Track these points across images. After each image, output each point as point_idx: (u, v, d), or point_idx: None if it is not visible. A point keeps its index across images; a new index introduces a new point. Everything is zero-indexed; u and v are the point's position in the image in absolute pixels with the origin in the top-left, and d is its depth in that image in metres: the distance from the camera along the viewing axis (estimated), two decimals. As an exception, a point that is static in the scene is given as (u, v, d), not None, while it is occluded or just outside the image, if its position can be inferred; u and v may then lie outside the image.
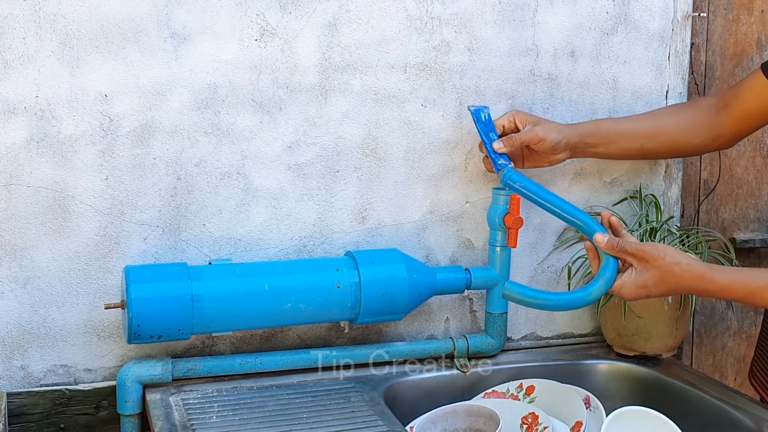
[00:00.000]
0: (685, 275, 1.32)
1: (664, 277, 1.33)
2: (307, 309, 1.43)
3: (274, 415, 1.34)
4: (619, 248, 1.35)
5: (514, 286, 1.39)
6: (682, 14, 1.73)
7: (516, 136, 1.53)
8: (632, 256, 1.35)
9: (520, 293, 1.39)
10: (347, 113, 1.54)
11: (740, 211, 1.93)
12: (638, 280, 1.34)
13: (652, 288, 1.34)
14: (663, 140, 1.59)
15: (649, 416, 1.35)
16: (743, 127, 1.56)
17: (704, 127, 1.57)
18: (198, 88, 1.45)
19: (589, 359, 1.67)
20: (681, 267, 1.32)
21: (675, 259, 1.33)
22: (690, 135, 1.58)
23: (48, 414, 1.44)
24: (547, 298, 1.42)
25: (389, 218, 1.59)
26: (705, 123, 1.57)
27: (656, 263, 1.33)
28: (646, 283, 1.34)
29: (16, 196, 1.39)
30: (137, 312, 1.33)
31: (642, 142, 1.58)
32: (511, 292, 1.39)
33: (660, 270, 1.33)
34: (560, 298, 1.42)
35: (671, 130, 1.58)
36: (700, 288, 1.34)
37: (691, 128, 1.58)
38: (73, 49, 1.38)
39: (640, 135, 1.58)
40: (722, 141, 1.59)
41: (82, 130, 1.41)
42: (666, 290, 1.35)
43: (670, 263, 1.32)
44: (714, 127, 1.57)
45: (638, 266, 1.35)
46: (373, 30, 1.53)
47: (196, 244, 1.49)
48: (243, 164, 1.49)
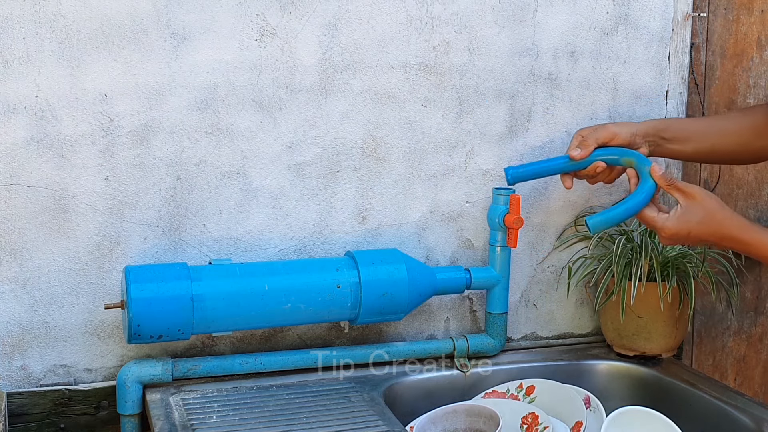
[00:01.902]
0: (727, 221, 1.36)
1: (708, 218, 1.36)
2: (307, 309, 1.43)
3: (274, 415, 1.34)
4: (670, 182, 1.40)
5: (596, 222, 1.40)
6: (682, 14, 1.73)
7: (590, 136, 1.52)
8: (681, 192, 1.39)
9: (606, 222, 1.41)
10: (347, 113, 1.54)
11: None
12: (683, 215, 1.37)
13: (694, 226, 1.37)
14: (732, 141, 1.57)
15: (649, 416, 1.35)
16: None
17: (762, 134, 1.55)
18: (198, 88, 1.45)
19: (589, 359, 1.67)
20: (725, 212, 1.37)
21: (720, 204, 1.38)
22: (753, 139, 1.56)
23: (48, 414, 1.44)
24: (625, 209, 1.42)
25: (389, 218, 1.59)
26: (762, 131, 1.55)
27: (704, 202, 1.37)
28: (689, 219, 1.37)
29: (16, 196, 1.39)
30: (137, 312, 1.33)
31: (713, 142, 1.56)
32: (596, 225, 1.40)
33: (705, 210, 1.37)
34: (633, 204, 1.42)
35: (740, 132, 1.56)
36: (737, 238, 1.37)
37: (757, 132, 1.56)
38: (73, 49, 1.38)
39: (712, 134, 1.57)
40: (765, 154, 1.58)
41: (82, 130, 1.41)
42: (706, 232, 1.37)
43: (716, 205, 1.37)
44: (764, 139, 1.55)
45: (684, 203, 1.38)
46: (373, 30, 1.53)
47: (196, 244, 1.49)
48: (243, 164, 1.49)
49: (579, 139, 1.53)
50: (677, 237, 1.39)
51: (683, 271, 1.57)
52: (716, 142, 1.57)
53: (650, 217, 1.41)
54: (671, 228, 1.38)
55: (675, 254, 1.60)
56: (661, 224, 1.39)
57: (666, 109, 1.74)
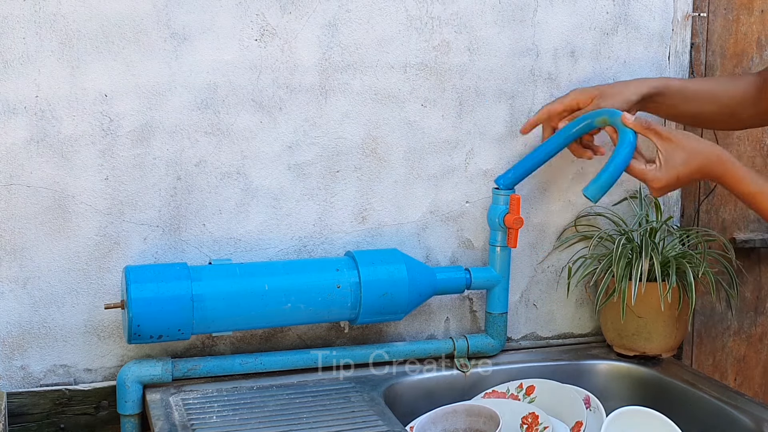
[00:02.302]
0: (708, 152, 1.37)
1: (690, 157, 1.37)
2: (307, 309, 1.43)
3: (274, 415, 1.34)
4: (646, 125, 1.39)
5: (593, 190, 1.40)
6: (682, 14, 1.73)
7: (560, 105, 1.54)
8: (658, 136, 1.38)
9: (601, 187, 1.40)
10: (347, 113, 1.54)
11: (740, 211, 1.93)
12: (667, 162, 1.37)
13: (680, 169, 1.37)
14: (720, 107, 1.58)
15: (649, 416, 1.35)
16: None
17: (751, 101, 1.58)
18: (198, 88, 1.45)
19: (589, 359, 1.67)
20: (706, 144, 1.37)
21: (696, 137, 1.38)
22: (742, 106, 1.58)
23: (48, 414, 1.44)
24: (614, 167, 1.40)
25: (389, 218, 1.59)
26: (753, 97, 1.58)
27: (682, 142, 1.37)
28: (674, 165, 1.37)
29: (16, 196, 1.39)
30: (137, 312, 1.32)
31: (701, 105, 1.58)
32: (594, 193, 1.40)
33: (685, 150, 1.37)
34: (619, 159, 1.41)
35: (728, 97, 1.58)
36: (721, 171, 1.37)
37: (743, 100, 1.58)
38: (73, 49, 1.38)
39: (701, 98, 1.58)
40: (758, 120, 1.60)
41: (82, 130, 1.41)
42: (694, 170, 1.37)
43: (693, 138, 1.37)
44: (755, 105, 1.57)
45: (664, 147, 1.38)
46: (373, 30, 1.53)
47: (196, 244, 1.49)
48: (243, 164, 1.49)
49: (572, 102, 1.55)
50: (668, 187, 1.39)
51: (683, 271, 1.57)
52: (704, 105, 1.58)
53: (639, 170, 1.40)
54: (661, 179, 1.38)
55: (675, 254, 1.60)
56: (652, 176, 1.39)
57: (666, 109, 1.74)
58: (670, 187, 1.39)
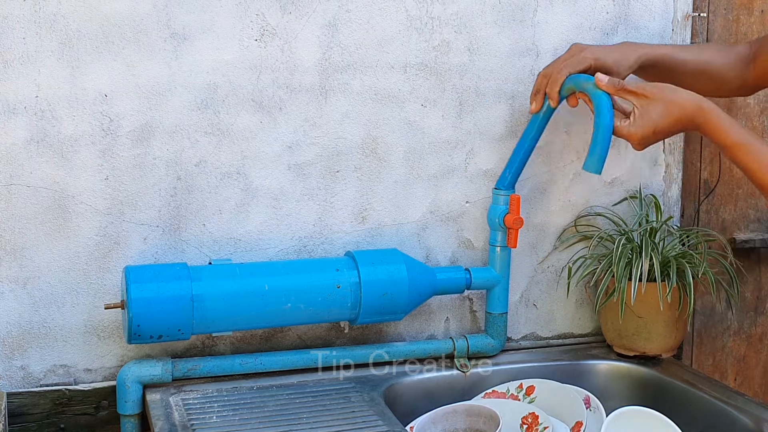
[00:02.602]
0: (687, 102, 1.34)
1: (668, 108, 1.35)
2: (307, 309, 1.43)
3: (274, 415, 1.34)
4: (620, 86, 1.37)
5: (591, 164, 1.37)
6: (682, 14, 1.73)
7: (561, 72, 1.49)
8: (633, 94, 1.37)
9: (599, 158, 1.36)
10: (347, 113, 1.54)
11: (740, 211, 1.93)
12: (641, 116, 1.36)
13: (658, 120, 1.35)
14: (710, 76, 1.57)
15: (649, 416, 1.35)
16: (765, 82, 1.57)
17: (739, 71, 1.58)
18: (198, 88, 1.45)
19: (589, 359, 1.67)
20: (685, 94, 1.35)
21: (674, 88, 1.36)
22: (729, 77, 1.58)
23: (48, 414, 1.44)
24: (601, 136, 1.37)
25: (389, 218, 1.59)
26: (740, 69, 1.58)
27: (657, 95, 1.35)
28: (650, 117, 1.35)
29: (16, 196, 1.39)
30: (137, 312, 1.33)
31: (692, 75, 1.57)
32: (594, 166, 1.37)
33: (663, 101, 1.35)
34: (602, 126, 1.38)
35: (717, 67, 1.57)
36: (701, 121, 1.35)
37: (731, 71, 1.58)
38: (73, 49, 1.38)
39: (693, 69, 1.57)
40: (746, 91, 1.61)
41: (82, 130, 1.41)
42: (673, 122, 1.35)
43: (670, 90, 1.35)
44: (743, 75, 1.58)
45: (640, 104, 1.36)
46: (373, 30, 1.53)
47: (196, 244, 1.49)
48: (243, 164, 1.49)
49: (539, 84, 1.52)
50: (646, 139, 1.37)
51: (683, 271, 1.57)
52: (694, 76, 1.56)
53: (616, 127, 1.38)
54: (636, 132, 1.36)
55: (675, 254, 1.60)
56: (626, 131, 1.37)
57: (666, 109, 1.74)
58: (648, 138, 1.37)
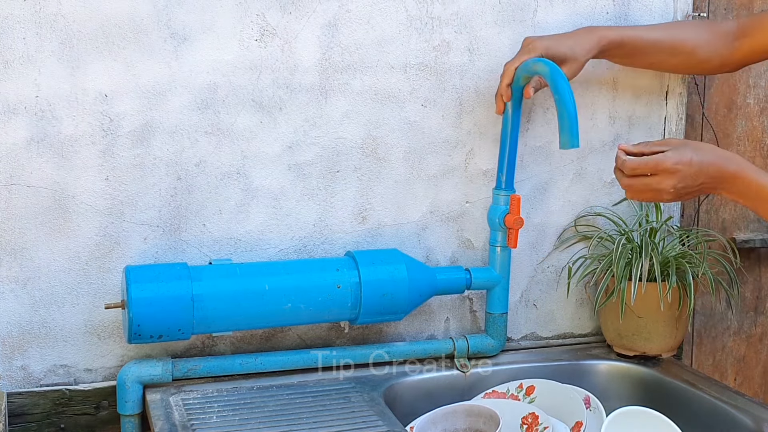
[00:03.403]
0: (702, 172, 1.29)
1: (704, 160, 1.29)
2: (308, 309, 1.43)
3: (274, 415, 1.34)
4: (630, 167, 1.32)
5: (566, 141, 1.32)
6: (682, 14, 1.73)
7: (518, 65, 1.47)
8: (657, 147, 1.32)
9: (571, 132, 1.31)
10: (347, 113, 1.54)
11: (740, 211, 1.93)
12: (676, 148, 1.30)
13: (694, 156, 1.29)
14: (685, 56, 1.58)
15: (649, 416, 1.35)
16: (752, 59, 1.58)
17: (721, 48, 1.57)
18: (198, 88, 1.45)
19: (589, 359, 1.67)
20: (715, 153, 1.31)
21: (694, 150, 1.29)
22: (707, 54, 1.58)
23: (48, 414, 1.44)
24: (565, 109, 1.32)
25: (389, 218, 1.59)
26: (722, 45, 1.57)
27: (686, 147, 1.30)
28: (686, 152, 1.29)
29: (16, 196, 1.39)
30: (138, 312, 1.33)
31: (661, 55, 1.57)
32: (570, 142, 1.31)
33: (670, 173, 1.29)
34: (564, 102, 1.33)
35: (692, 46, 1.57)
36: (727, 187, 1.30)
37: (709, 48, 1.58)
38: (73, 49, 1.38)
39: (662, 48, 1.57)
40: (730, 67, 1.61)
41: (82, 130, 1.41)
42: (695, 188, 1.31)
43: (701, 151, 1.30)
44: (726, 54, 1.58)
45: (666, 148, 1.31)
46: (373, 30, 1.53)
47: (196, 244, 1.49)
48: (243, 164, 1.49)
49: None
50: (680, 173, 1.29)
51: (683, 271, 1.57)
52: (666, 57, 1.57)
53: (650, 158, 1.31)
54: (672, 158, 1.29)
55: (675, 254, 1.60)
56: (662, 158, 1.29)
57: (666, 110, 1.74)
58: (683, 175, 1.29)
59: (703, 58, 1.58)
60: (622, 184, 1.34)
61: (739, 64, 1.60)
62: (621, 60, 1.61)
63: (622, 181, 1.34)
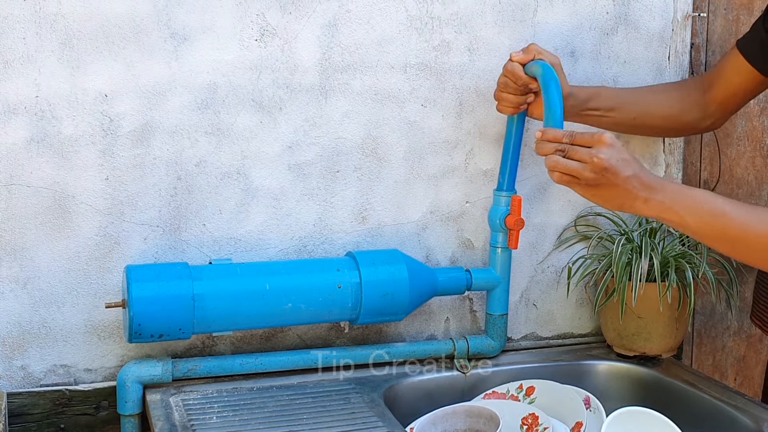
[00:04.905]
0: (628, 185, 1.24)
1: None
2: (308, 309, 1.43)
3: (274, 415, 1.34)
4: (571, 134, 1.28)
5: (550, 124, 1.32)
6: (682, 14, 1.73)
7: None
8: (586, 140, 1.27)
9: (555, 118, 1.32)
10: (347, 113, 1.54)
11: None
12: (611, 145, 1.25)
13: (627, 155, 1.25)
14: (657, 117, 1.59)
15: (649, 416, 1.35)
16: (729, 106, 1.59)
17: (695, 105, 1.59)
18: (198, 88, 1.45)
19: (589, 359, 1.67)
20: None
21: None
22: (682, 113, 1.59)
23: (48, 414, 1.44)
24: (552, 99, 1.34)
25: (389, 218, 1.59)
26: (695, 101, 1.59)
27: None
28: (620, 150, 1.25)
29: (16, 196, 1.39)
30: (138, 311, 1.32)
31: (636, 116, 1.58)
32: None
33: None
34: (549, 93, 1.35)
35: (665, 106, 1.59)
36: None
37: (683, 106, 1.59)
38: (73, 49, 1.38)
39: (635, 109, 1.58)
40: (712, 120, 1.61)
41: (82, 130, 1.41)
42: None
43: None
44: (703, 107, 1.59)
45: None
46: (373, 30, 1.52)
47: (196, 244, 1.49)
48: (243, 164, 1.49)
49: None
50: (610, 166, 1.23)
51: (683, 271, 1.57)
52: (639, 116, 1.58)
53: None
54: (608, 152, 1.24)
55: (675, 254, 1.60)
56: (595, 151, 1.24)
57: (666, 110, 1.74)
58: (613, 167, 1.22)
59: (679, 115, 1.59)
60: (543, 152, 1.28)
61: (721, 116, 1.61)
62: (595, 117, 1.55)
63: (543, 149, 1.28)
